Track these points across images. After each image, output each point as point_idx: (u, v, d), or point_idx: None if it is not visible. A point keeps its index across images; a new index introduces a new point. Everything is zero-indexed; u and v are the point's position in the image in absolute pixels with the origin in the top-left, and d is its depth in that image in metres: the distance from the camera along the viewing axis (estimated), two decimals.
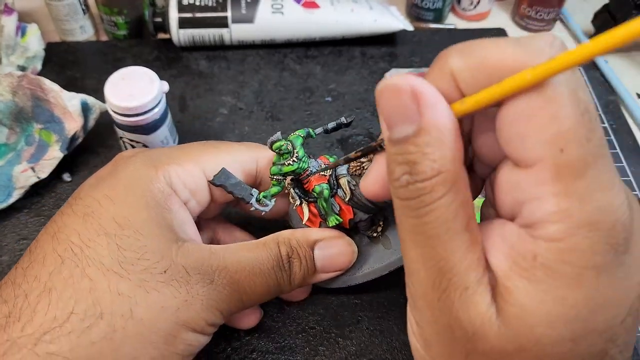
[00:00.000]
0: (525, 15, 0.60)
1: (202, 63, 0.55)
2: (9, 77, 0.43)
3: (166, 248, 0.27)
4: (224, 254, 0.29)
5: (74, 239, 0.27)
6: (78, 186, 0.43)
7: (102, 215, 0.27)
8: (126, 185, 0.29)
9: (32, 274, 0.26)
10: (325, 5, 0.55)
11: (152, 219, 0.28)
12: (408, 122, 0.20)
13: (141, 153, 0.31)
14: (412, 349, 0.25)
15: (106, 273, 0.26)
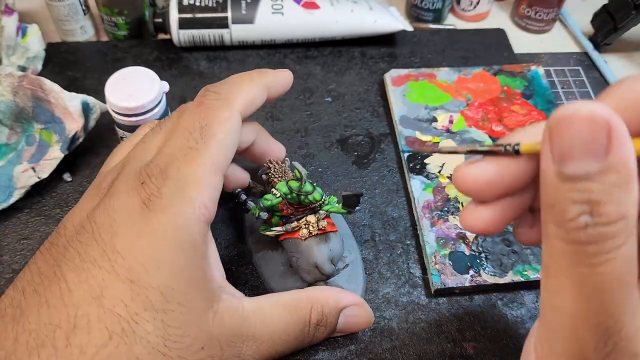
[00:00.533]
0: (524, 16, 0.61)
1: (202, 63, 0.55)
2: (9, 78, 0.43)
3: (205, 320, 0.27)
4: (255, 320, 0.29)
5: (121, 310, 0.25)
6: (78, 186, 0.44)
7: (148, 285, 0.25)
8: (167, 238, 0.26)
9: (77, 343, 0.24)
10: (325, 5, 0.55)
11: (193, 281, 0.27)
12: (593, 157, 0.18)
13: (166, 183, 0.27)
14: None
15: (151, 352, 0.25)
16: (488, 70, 0.53)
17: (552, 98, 0.51)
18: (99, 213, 0.27)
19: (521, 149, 0.21)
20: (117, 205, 0.27)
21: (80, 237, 0.27)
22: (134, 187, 0.28)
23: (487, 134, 0.48)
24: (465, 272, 0.39)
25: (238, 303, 0.29)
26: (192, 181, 0.28)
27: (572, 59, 0.59)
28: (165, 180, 0.28)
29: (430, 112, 0.49)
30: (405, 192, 0.45)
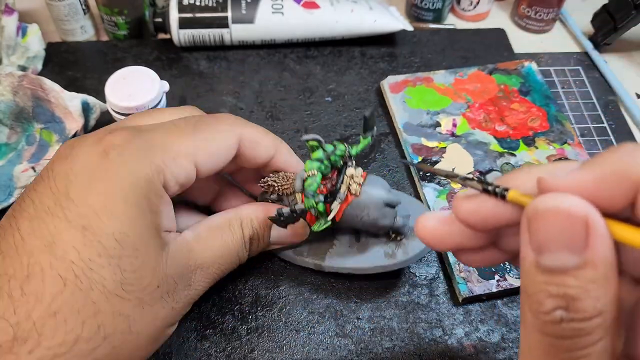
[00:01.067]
0: (524, 16, 0.61)
1: (202, 63, 0.55)
2: (9, 77, 0.43)
3: (158, 261, 0.28)
4: (198, 249, 0.32)
5: (73, 257, 0.25)
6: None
7: (102, 231, 0.26)
8: (122, 190, 0.27)
9: (31, 291, 0.25)
10: (325, 5, 0.55)
11: (146, 230, 0.28)
12: (571, 252, 0.18)
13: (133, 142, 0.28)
14: None
15: (109, 296, 0.26)
16: (483, 69, 0.53)
17: (549, 93, 0.51)
18: (58, 162, 0.28)
19: (508, 196, 0.21)
20: (75, 154, 0.28)
21: (37, 186, 0.27)
22: (100, 136, 0.28)
23: (491, 135, 0.48)
24: (490, 278, 0.39)
25: (182, 240, 0.31)
26: (161, 148, 0.29)
27: (572, 58, 0.59)
28: (134, 136, 0.29)
29: (433, 117, 0.49)
30: (405, 192, 0.45)
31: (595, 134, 0.52)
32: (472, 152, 0.47)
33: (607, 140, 0.51)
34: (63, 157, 0.28)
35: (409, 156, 0.47)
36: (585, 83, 0.56)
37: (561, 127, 0.49)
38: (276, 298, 0.39)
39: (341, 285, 0.40)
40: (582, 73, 0.57)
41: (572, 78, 0.57)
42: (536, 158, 0.47)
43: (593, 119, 0.53)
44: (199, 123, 0.31)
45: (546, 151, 0.47)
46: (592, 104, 0.54)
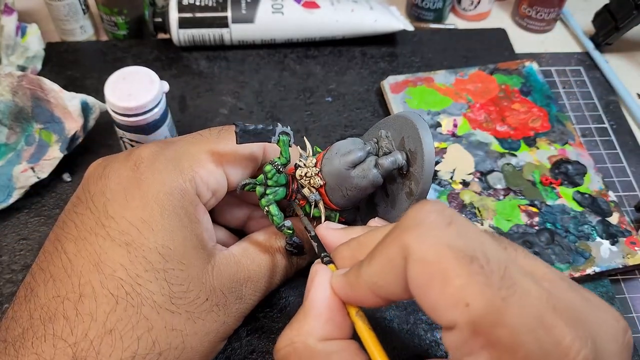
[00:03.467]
0: (525, 15, 0.60)
1: (202, 63, 0.55)
2: (9, 77, 0.43)
3: (204, 273, 0.29)
4: (246, 262, 0.32)
5: (122, 274, 0.26)
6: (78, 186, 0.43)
7: (144, 246, 0.26)
8: (158, 202, 0.27)
9: (85, 310, 0.25)
10: (325, 5, 0.55)
11: (188, 241, 0.28)
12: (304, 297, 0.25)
13: (161, 153, 0.29)
14: None
15: (160, 311, 0.26)
16: (484, 69, 0.53)
17: (550, 93, 0.51)
18: (92, 182, 0.29)
19: (329, 266, 0.26)
20: (107, 173, 0.28)
21: (76, 209, 0.28)
22: (128, 153, 0.29)
23: (492, 135, 0.48)
24: None
25: (229, 253, 0.31)
26: (187, 156, 0.29)
27: (573, 58, 0.58)
28: (161, 148, 0.29)
29: (434, 117, 0.49)
30: None
31: (597, 134, 0.52)
32: (473, 152, 0.47)
33: (608, 141, 0.51)
34: (97, 176, 0.29)
35: None
36: (586, 83, 0.56)
37: (562, 127, 0.49)
38: (276, 299, 0.38)
39: None
40: (583, 73, 0.57)
41: (573, 78, 0.56)
42: (537, 158, 0.46)
43: (594, 119, 0.53)
44: (223, 131, 0.32)
45: (547, 151, 0.47)
46: (593, 104, 0.54)
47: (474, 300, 0.19)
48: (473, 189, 0.44)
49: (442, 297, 0.19)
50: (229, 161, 0.31)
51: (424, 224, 0.21)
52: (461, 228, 0.21)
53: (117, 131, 0.42)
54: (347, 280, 0.24)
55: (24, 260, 0.40)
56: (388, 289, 0.22)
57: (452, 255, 0.19)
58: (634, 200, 0.47)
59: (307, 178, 0.32)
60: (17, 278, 0.39)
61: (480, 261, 0.19)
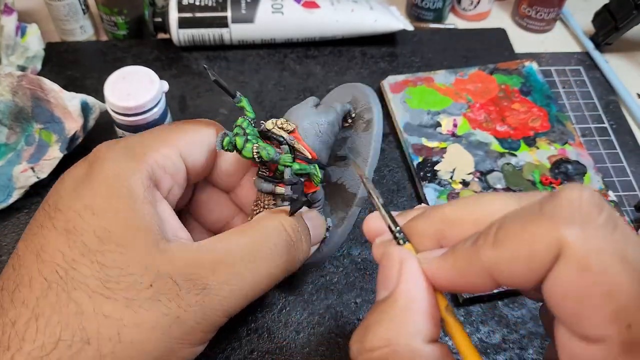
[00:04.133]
0: (525, 15, 0.60)
1: (202, 63, 0.55)
2: (9, 77, 0.43)
3: (150, 257, 0.25)
4: (214, 246, 0.27)
5: (59, 259, 0.25)
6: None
7: (84, 230, 0.26)
8: (107, 187, 0.27)
9: (20, 298, 0.25)
10: (325, 5, 0.55)
11: (133, 224, 0.26)
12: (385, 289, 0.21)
13: (117, 145, 0.29)
14: None
15: (92, 295, 0.24)
16: (484, 69, 0.53)
17: (550, 93, 0.51)
18: (53, 186, 0.29)
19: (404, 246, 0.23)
20: (65, 174, 0.29)
21: (37, 214, 0.28)
22: (87, 155, 0.29)
23: (492, 135, 0.48)
24: None
25: (189, 241, 0.28)
26: (139, 144, 0.29)
27: (573, 58, 0.58)
28: (115, 143, 0.29)
29: (433, 117, 0.49)
30: (405, 192, 0.45)
31: (597, 134, 0.52)
32: (472, 152, 0.47)
33: (608, 141, 0.51)
34: (59, 181, 0.29)
35: (409, 156, 0.47)
36: (586, 83, 0.56)
37: (562, 127, 0.49)
38: (276, 299, 0.38)
39: (341, 286, 0.39)
40: (583, 73, 0.57)
41: (573, 78, 0.56)
42: (537, 158, 0.46)
43: (594, 119, 0.53)
44: (180, 122, 0.32)
45: (547, 151, 0.47)
46: (593, 104, 0.54)
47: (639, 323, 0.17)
48: (473, 188, 0.44)
49: (599, 312, 0.17)
50: (185, 145, 0.30)
51: (590, 222, 0.18)
52: (626, 235, 0.18)
53: (117, 131, 0.42)
54: (454, 264, 0.20)
55: None
56: (512, 279, 0.19)
57: (623, 269, 0.17)
58: (634, 200, 0.47)
59: (277, 125, 0.32)
60: None
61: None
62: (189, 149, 0.31)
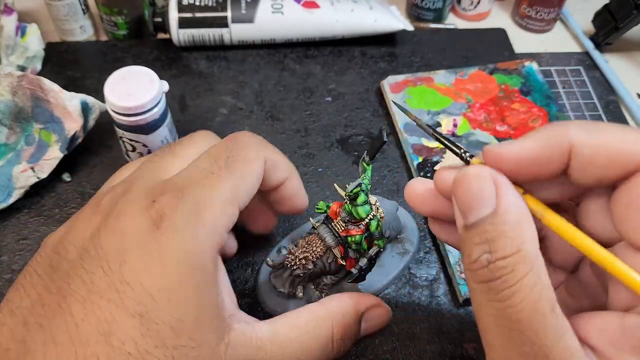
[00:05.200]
0: (525, 15, 0.60)
1: (202, 63, 0.55)
2: (8, 77, 0.43)
3: (217, 353, 0.26)
4: (271, 347, 0.28)
5: (131, 348, 0.24)
6: (77, 186, 0.43)
7: (157, 318, 0.24)
8: (178, 267, 0.25)
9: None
10: (325, 5, 0.55)
11: (205, 315, 0.25)
12: (485, 206, 0.21)
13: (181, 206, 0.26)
14: None
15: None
16: (484, 69, 0.53)
17: (549, 93, 0.51)
18: (104, 236, 0.26)
19: (472, 161, 0.24)
20: (124, 227, 0.26)
21: (85, 264, 0.25)
22: (144, 206, 0.26)
23: (492, 135, 0.48)
24: None
25: (251, 332, 0.28)
26: (208, 205, 0.27)
27: (573, 58, 0.58)
28: (180, 199, 0.26)
29: (433, 117, 0.49)
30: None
31: None
32: (473, 152, 0.47)
33: None
34: (110, 230, 0.26)
35: (409, 156, 0.47)
36: (586, 83, 0.56)
37: None
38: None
39: None
40: (583, 73, 0.57)
41: (573, 78, 0.56)
42: None
43: (594, 119, 0.53)
44: (230, 160, 0.29)
45: None
46: (593, 104, 0.54)
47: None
48: None
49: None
50: (243, 197, 0.29)
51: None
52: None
53: (117, 131, 0.42)
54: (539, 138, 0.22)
55: (24, 260, 0.40)
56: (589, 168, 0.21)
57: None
58: None
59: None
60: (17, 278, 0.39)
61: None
62: (245, 200, 0.29)
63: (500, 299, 0.20)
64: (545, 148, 0.21)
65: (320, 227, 0.34)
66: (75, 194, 0.44)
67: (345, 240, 0.34)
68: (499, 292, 0.20)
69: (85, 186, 0.45)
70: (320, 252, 0.34)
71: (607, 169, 0.21)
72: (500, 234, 0.20)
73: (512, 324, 0.20)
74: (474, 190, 0.21)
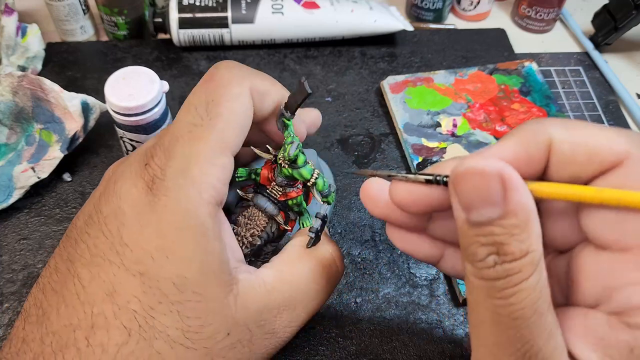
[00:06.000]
0: (525, 16, 0.61)
1: (202, 63, 0.55)
2: (9, 77, 0.43)
3: (226, 305, 0.25)
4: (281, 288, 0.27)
5: (135, 306, 0.24)
6: (78, 186, 0.43)
7: (159, 275, 0.25)
8: (177, 226, 0.25)
9: (97, 342, 0.24)
10: (325, 5, 0.55)
11: (209, 269, 0.25)
12: (492, 205, 0.20)
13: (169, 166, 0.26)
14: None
15: (173, 346, 0.24)
16: (483, 70, 0.53)
17: (549, 93, 0.51)
18: (104, 201, 0.27)
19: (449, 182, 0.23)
20: (121, 191, 0.26)
21: (89, 229, 0.26)
22: (138, 170, 0.27)
23: (491, 135, 0.48)
24: None
25: (257, 279, 0.27)
26: (195, 160, 0.26)
27: (572, 58, 0.59)
28: (168, 160, 0.26)
29: (433, 117, 0.49)
30: None
31: None
32: (472, 152, 0.47)
33: None
34: (108, 195, 0.26)
35: (409, 156, 0.47)
36: (585, 83, 0.56)
37: None
38: None
39: (341, 286, 0.39)
40: (583, 73, 0.57)
41: (573, 78, 0.56)
42: None
43: (594, 119, 0.53)
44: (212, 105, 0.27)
45: None
46: (593, 104, 0.54)
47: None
48: None
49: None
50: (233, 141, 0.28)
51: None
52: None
53: (118, 131, 0.43)
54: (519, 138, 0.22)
55: (24, 260, 0.40)
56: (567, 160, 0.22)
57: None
58: None
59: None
60: (17, 278, 0.39)
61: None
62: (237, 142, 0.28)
63: (502, 297, 0.20)
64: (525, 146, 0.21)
65: (256, 198, 0.32)
66: (75, 194, 0.44)
67: (285, 205, 0.32)
68: (502, 290, 0.20)
69: (85, 186, 0.45)
70: (264, 223, 0.32)
71: (586, 165, 0.21)
72: (510, 237, 0.20)
73: (509, 322, 0.20)
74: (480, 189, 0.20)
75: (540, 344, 0.20)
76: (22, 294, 0.39)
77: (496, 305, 0.20)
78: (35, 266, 0.40)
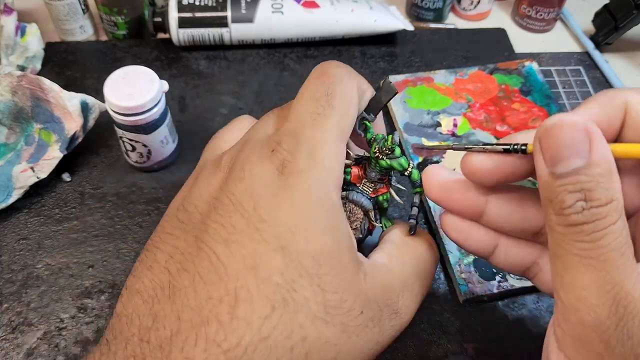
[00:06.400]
0: (525, 15, 0.60)
1: (202, 63, 0.55)
2: (8, 77, 0.43)
3: (358, 281, 0.26)
4: (399, 269, 0.28)
5: (278, 279, 0.24)
6: (77, 186, 0.43)
7: (299, 249, 0.25)
8: (312, 203, 0.26)
9: (241, 315, 0.24)
10: (325, 5, 0.55)
11: (342, 245, 0.26)
12: (578, 156, 0.22)
13: (298, 150, 0.27)
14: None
15: (314, 320, 0.24)
16: (484, 69, 0.53)
17: (549, 93, 0.51)
18: (233, 184, 0.27)
19: (528, 149, 0.25)
20: (251, 174, 0.27)
21: (220, 210, 0.26)
22: (265, 155, 0.27)
23: (492, 135, 0.48)
24: (491, 279, 0.39)
25: (374, 262, 0.28)
26: (321, 146, 0.27)
27: (573, 58, 0.58)
28: (296, 145, 0.27)
29: (433, 117, 0.49)
30: (405, 192, 0.45)
31: None
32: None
33: None
34: (237, 179, 0.27)
35: (409, 156, 0.47)
36: (586, 83, 0.56)
37: None
38: None
39: None
40: (583, 73, 0.57)
41: (573, 78, 0.56)
42: None
43: None
44: (330, 97, 0.29)
45: None
46: None
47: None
48: None
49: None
50: (347, 135, 0.29)
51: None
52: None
53: (117, 131, 0.42)
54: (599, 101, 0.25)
55: (24, 260, 0.40)
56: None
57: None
58: None
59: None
60: (17, 278, 0.39)
61: None
62: (349, 134, 0.29)
63: (591, 240, 0.21)
64: (604, 109, 0.24)
65: (351, 194, 0.32)
66: (75, 194, 0.44)
67: (376, 201, 0.33)
68: (590, 233, 0.21)
69: (85, 186, 0.45)
70: (361, 218, 0.33)
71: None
72: (596, 184, 0.21)
73: (599, 264, 0.21)
74: (568, 141, 0.22)
75: (629, 287, 0.21)
76: (22, 294, 0.39)
77: (584, 249, 0.22)
78: (35, 266, 0.40)
